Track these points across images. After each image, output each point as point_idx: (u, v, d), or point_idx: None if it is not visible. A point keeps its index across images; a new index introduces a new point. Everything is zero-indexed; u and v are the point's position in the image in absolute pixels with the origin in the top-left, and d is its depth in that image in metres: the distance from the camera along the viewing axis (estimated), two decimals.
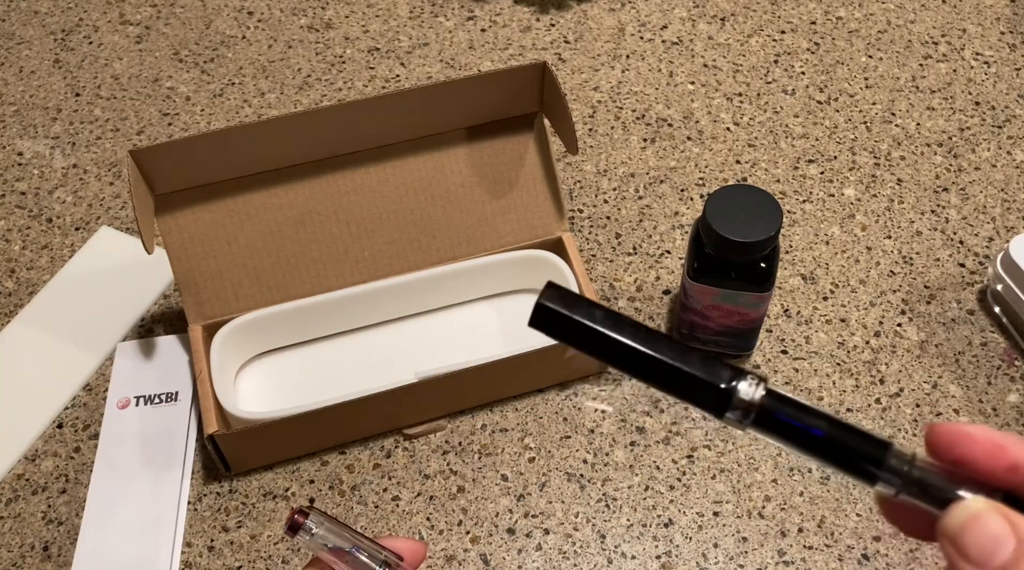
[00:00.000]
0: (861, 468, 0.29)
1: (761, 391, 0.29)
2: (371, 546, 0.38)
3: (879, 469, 0.28)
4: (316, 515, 0.37)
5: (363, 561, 0.37)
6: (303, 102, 0.80)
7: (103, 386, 0.63)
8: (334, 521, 0.38)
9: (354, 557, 0.37)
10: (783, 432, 0.29)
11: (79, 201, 0.74)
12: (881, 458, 0.28)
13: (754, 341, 0.62)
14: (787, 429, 0.29)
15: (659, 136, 0.77)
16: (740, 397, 0.28)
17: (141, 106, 0.81)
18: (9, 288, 0.69)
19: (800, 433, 0.29)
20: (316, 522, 0.37)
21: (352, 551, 0.37)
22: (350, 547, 0.37)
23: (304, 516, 0.37)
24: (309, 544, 0.37)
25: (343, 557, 0.37)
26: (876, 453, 0.28)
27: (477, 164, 0.64)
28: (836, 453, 0.29)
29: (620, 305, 0.66)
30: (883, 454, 0.28)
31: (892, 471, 0.28)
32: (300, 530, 0.37)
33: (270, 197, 0.61)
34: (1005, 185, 0.73)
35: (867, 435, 0.29)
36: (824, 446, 0.29)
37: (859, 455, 0.28)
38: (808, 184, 0.73)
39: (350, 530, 0.38)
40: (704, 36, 0.85)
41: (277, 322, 0.62)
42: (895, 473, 0.28)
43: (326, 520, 0.37)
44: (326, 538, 0.37)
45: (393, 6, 0.88)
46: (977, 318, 0.65)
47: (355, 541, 0.37)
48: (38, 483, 0.59)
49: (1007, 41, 0.84)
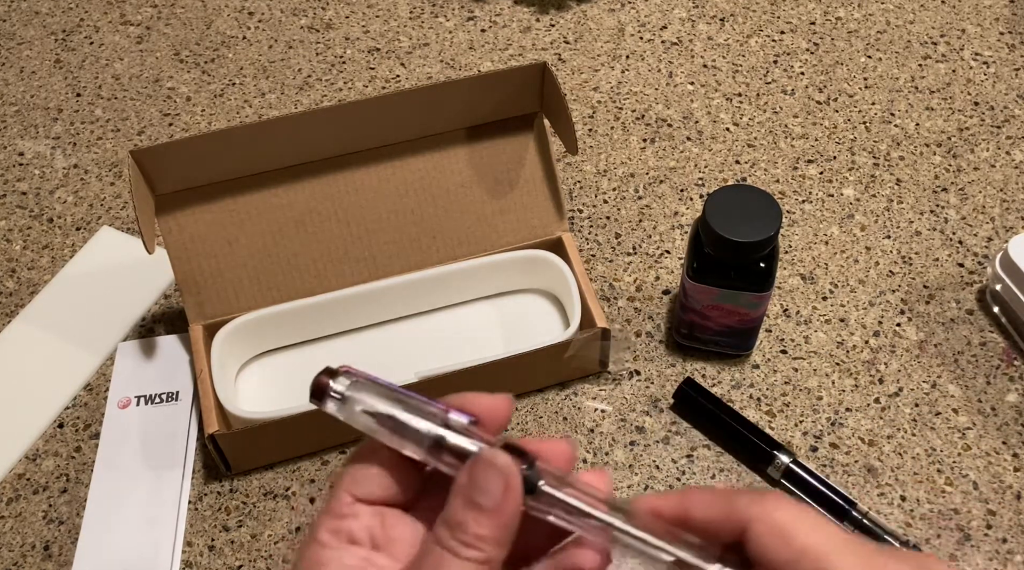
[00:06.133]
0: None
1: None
2: (428, 408, 0.29)
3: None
4: (348, 375, 0.29)
5: (415, 428, 0.29)
6: (303, 102, 0.80)
7: (104, 386, 0.63)
8: (374, 382, 0.29)
9: (402, 424, 0.29)
10: None
11: (80, 201, 0.74)
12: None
13: (753, 341, 0.62)
14: None
15: (659, 136, 0.77)
16: None
17: (142, 106, 0.81)
18: (10, 288, 0.69)
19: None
20: (348, 383, 0.29)
21: (399, 416, 0.28)
22: (397, 411, 0.29)
23: (332, 376, 0.29)
24: (342, 413, 0.29)
25: (387, 425, 0.29)
26: None
27: (477, 164, 0.64)
28: None
29: (620, 305, 0.66)
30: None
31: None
32: (327, 394, 0.29)
33: (270, 197, 0.61)
34: (1004, 185, 0.73)
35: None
36: None
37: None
38: (807, 184, 0.73)
39: (397, 390, 0.29)
40: (704, 36, 0.85)
41: (277, 322, 0.62)
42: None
43: (362, 379, 0.29)
44: (363, 402, 0.29)
45: (393, 6, 0.88)
46: (976, 318, 0.65)
47: (404, 401, 0.29)
48: (39, 483, 0.59)
49: (1006, 41, 0.84)
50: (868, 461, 0.59)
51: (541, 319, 0.65)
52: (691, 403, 0.60)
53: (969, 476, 0.58)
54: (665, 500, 0.29)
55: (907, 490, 0.57)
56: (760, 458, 0.58)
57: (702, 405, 0.60)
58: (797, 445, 0.59)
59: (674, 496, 0.29)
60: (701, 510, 0.29)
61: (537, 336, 0.63)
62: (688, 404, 0.61)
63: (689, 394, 0.60)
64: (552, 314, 0.65)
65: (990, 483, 0.57)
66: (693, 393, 0.60)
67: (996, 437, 0.59)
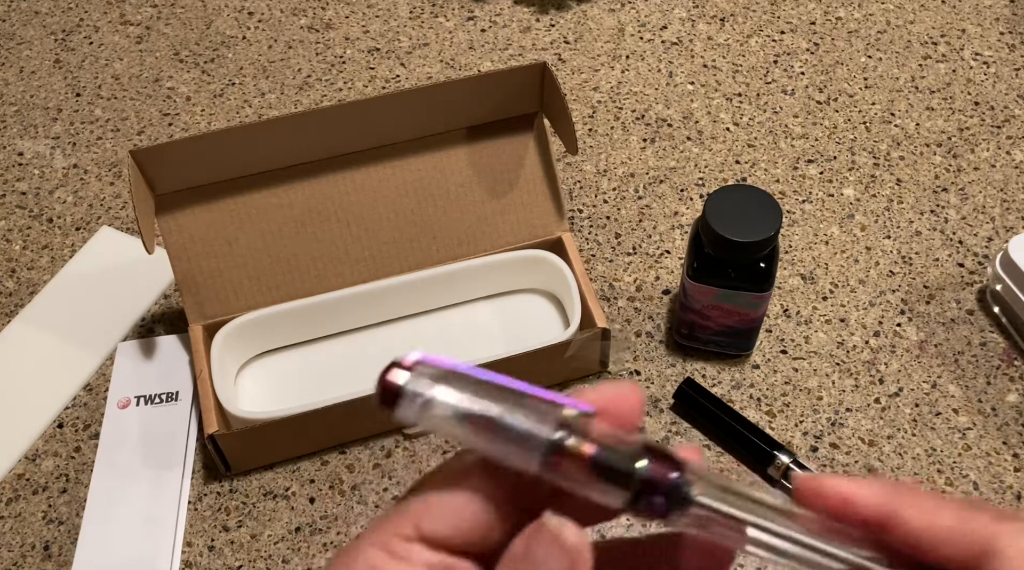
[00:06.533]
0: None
1: None
2: (532, 405, 0.22)
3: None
4: (424, 367, 0.22)
5: (519, 430, 0.22)
6: (303, 102, 0.80)
7: (104, 386, 0.63)
8: (460, 373, 0.23)
9: (501, 425, 0.22)
10: None
11: (79, 201, 0.74)
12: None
13: (754, 341, 0.62)
14: None
15: (659, 136, 0.77)
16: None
17: (141, 106, 0.81)
18: (10, 288, 0.69)
19: None
20: (427, 378, 0.22)
21: (497, 417, 0.22)
22: (493, 411, 0.22)
23: (403, 372, 0.22)
24: (423, 420, 0.22)
25: (481, 426, 0.22)
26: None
27: (477, 164, 0.64)
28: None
29: (620, 305, 0.66)
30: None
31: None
32: (401, 397, 0.22)
33: (270, 197, 0.61)
34: (1004, 185, 0.73)
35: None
36: None
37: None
38: (807, 184, 0.73)
39: (492, 380, 0.23)
40: (704, 36, 0.85)
41: (277, 322, 0.62)
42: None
43: (444, 369, 0.23)
44: (447, 403, 0.22)
45: (393, 6, 0.88)
46: (976, 318, 0.65)
47: (504, 395, 0.22)
48: (39, 483, 0.59)
49: (1006, 41, 0.84)
50: (868, 461, 0.59)
51: (541, 319, 0.65)
52: (691, 403, 0.60)
53: (969, 476, 0.58)
54: (861, 494, 0.23)
55: None
56: (760, 458, 0.58)
57: (702, 405, 0.60)
58: (797, 445, 0.59)
59: (872, 492, 0.23)
60: (918, 519, 0.22)
61: (537, 336, 0.63)
62: (688, 404, 0.61)
63: (689, 394, 0.60)
64: (552, 314, 0.65)
65: (990, 483, 0.57)
66: (693, 393, 0.60)
67: (996, 437, 0.59)
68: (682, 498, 0.22)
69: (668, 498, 0.22)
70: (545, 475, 0.22)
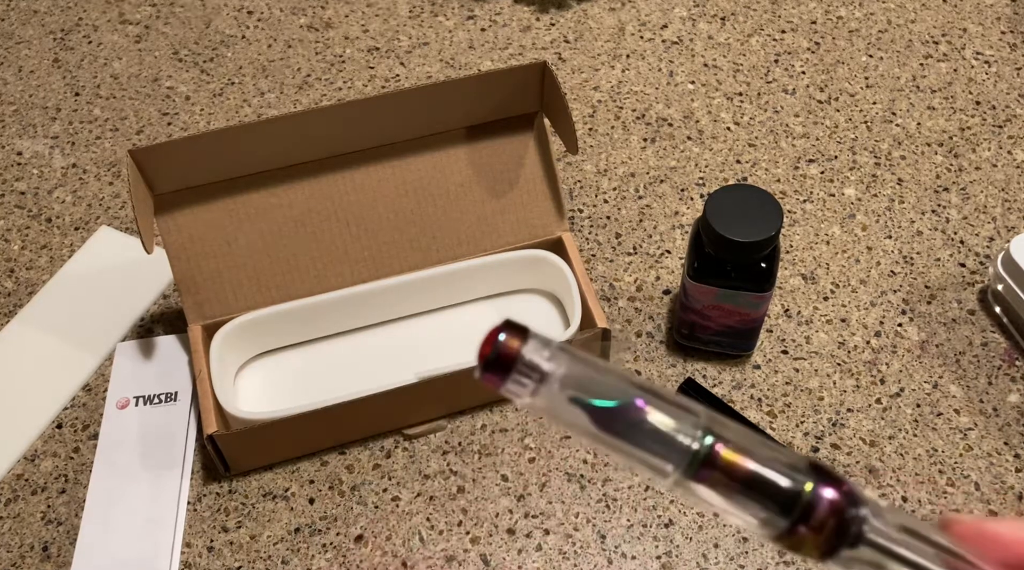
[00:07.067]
0: None
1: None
2: (675, 403, 0.19)
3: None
4: (541, 338, 0.18)
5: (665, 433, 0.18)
6: (303, 102, 0.80)
7: (103, 386, 0.63)
8: (582, 357, 0.18)
9: (645, 423, 0.18)
10: None
11: (78, 201, 0.74)
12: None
13: (754, 341, 0.62)
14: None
15: (659, 136, 0.77)
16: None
17: (140, 106, 0.80)
18: (8, 288, 0.69)
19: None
20: (543, 348, 0.17)
21: (761, 470, 0.19)
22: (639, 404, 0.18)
23: (519, 338, 0.17)
24: (540, 393, 0.18)
25: (617, 418, 0.18)
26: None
27: (477, 164, 0.64)
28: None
29: (620, 305, 0.66)
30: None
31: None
32: (514, 367, 0.17)
33: (270, 197, 0.61)
34: (1006, 185, 0.73)
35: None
36: None
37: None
38: (808, 184, 0.73)
39: (621, 375, 0.19)
40: (704, 36, 0.85)
41: (277, 322, 0.62)
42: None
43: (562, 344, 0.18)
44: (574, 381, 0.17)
45: (393, 6, 0.88)
46: (978, 318, 0.65)
47: (645, 393, 0.19)
48: (37, 483, 0.59)
49: (1007, 41, 0.84)
50: (869, 462, 0.58)
51: (541, 319, 0.65)
52: None
53: (971, 477, 0.58)
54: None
55: (909, 491, 0.57)
56: None
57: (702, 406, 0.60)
58: (798, 446, 0.59)
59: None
60: None
61: None
62: None
63: (690, 394, 0.60)
64: (552, 314, 0.65)
65: (992, 484, 0.57)
66: (694, 393, 0.60)
67: (998, 438, 0.59)
68: (853, 537, 0.19)
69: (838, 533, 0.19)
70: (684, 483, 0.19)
